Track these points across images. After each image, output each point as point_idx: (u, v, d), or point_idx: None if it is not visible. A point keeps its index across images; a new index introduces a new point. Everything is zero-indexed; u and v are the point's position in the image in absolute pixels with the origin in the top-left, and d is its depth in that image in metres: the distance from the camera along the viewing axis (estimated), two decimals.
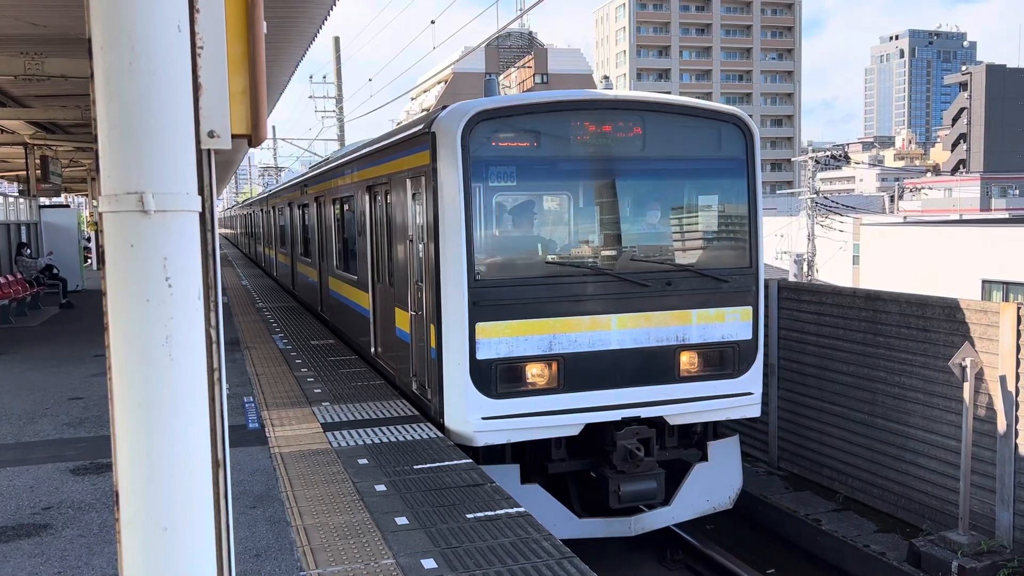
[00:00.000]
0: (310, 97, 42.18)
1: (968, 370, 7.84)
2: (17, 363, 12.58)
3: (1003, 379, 7.95)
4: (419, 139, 8.29)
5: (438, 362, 7.87)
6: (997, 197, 78.46)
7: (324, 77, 42.60)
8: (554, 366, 7.81)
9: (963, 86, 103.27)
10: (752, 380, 8.50)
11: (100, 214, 2.35)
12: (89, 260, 32.36)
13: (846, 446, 9.86)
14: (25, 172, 24.32)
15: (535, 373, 7.80)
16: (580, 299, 7.90)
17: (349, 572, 4.92)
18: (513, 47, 65.54)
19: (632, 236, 8.49)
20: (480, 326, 7.59)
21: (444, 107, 8.14)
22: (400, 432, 7.90)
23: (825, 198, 48.26)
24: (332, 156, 16.28)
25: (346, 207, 12.78)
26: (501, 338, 7.64)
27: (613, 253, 8.28)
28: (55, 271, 22.04)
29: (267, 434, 7.92)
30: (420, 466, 6.87)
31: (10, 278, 18.74)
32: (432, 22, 27.45)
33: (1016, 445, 7.89)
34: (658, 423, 8.20)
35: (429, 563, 5.01)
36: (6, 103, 17.55)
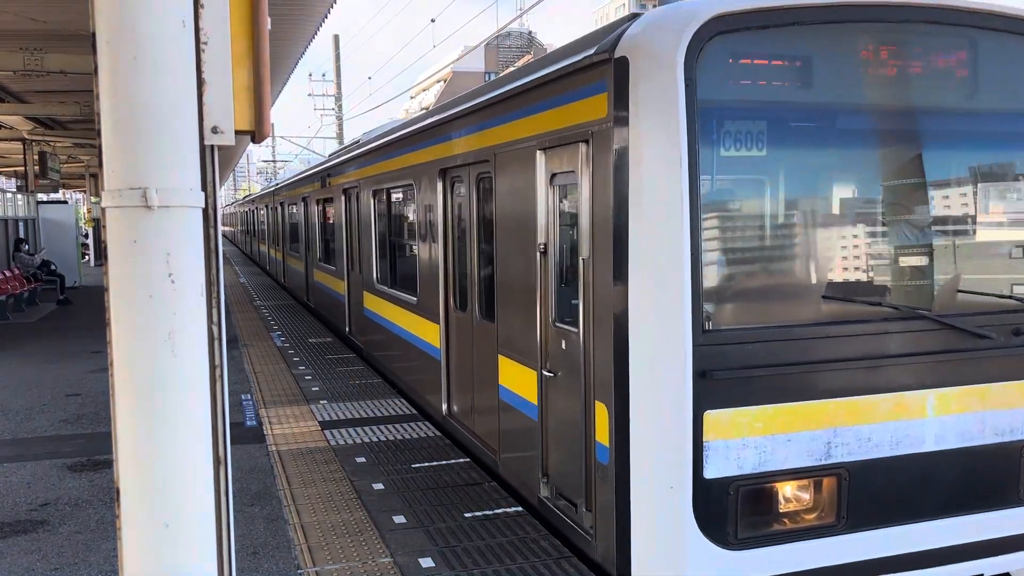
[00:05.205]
0: (309, 95, 42.26)
1: None
2: (14, 359, 12.56)
3: None
4: (582, 76, 4.79)
5: (616, 472, 4.55)
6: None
7: (323, 75, 42.59)
8: (830, 485, 4.50)
9: None
10: None
11: (103, 209, 2.34)
12: (87, 256, 32.36)
13: None
14: (23, 168, 24.32)
15: (799, 498, 4.49)
16: (876, 365, 4.49)
17: (347, 570, 4.91)
18: (512, 46, 65.66)
19: (957, 250, 4.93)
20: (712, 416, 4.23)
21: (633, 16, 4.62)
22: (398, 431, 7.89)
23: None
24: (361, 139, 12.97)
25: (396, 200, 9.82)
26: (746, 438, 4.32)
27: (925, 283, 4.81)
28: (53, 267, 22.01)
29: (265, 432, 7.91)
30: (418, 465, 6.86)
31: (7, 274, 18.72)
32: (432, 20, 27.46)
33: None
34: None
35: (427, 562, 5.00)
36: (5, 99, 17.53)
